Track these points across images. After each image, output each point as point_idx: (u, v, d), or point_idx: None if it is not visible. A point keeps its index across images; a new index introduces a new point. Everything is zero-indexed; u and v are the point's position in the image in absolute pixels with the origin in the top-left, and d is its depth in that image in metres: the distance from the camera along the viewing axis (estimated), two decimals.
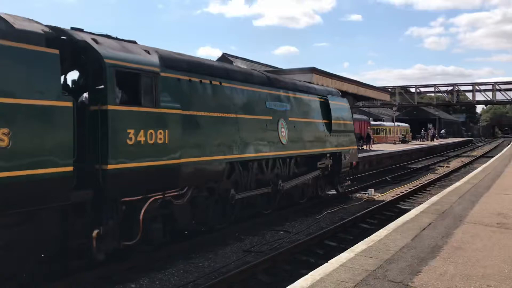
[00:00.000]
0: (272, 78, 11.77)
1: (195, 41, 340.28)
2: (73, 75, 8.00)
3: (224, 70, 9.97)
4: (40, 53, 6.02)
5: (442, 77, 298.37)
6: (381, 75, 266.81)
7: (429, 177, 22.36)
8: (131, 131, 7.01)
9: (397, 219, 8.49)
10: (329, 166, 13.76)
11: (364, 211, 12.56)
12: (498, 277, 5.19)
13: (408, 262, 5.65)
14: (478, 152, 44.41)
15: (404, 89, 56.89)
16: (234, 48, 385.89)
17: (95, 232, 6.71)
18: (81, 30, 7.27)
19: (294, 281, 5.05)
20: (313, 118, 12.94)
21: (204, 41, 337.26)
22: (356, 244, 6.61)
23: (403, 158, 33.05)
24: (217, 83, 9.29)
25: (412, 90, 56.07)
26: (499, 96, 50.43)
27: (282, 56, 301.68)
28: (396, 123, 54.20)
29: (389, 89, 51.14)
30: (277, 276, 7.68)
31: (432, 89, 54.97)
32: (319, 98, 13.53)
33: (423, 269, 5.40)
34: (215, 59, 34.47)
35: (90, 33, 7.39)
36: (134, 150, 7.07)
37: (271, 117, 10.81)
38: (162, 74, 7.78)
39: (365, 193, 15.79)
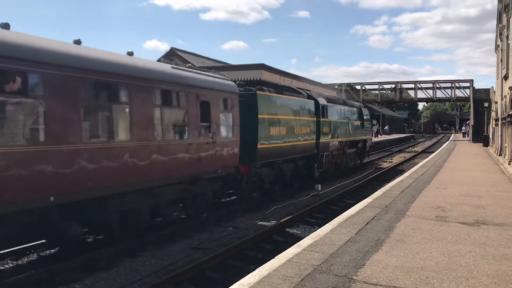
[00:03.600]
0: (344, 100, 24.73)
1: (142, 33, 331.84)
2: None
3: (332, 99, 21.19)
4: (311, 102, 17.64)
5: (386, 75, 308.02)
6: (327, 72, 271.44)
7: (374, 171, 23.09)
8: (323, 127, 18.18)
9: (342, 214, 8.70)
10: (360, 147, 24.94)
11: (311, 206, 12.81)
12: (436, 268, 5.45)
13: (352, 256, 5.82)
14: (419, 148, 46.32)
15: (350, 86, 58.13)
16: (181, 41, 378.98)
17: (315, 165, 17.72)
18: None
19: (242, 277, 5.07)
20: (357, 120, 23.86)
21: (151, 34, 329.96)
22: (303, 239, 6.73)
23: None
24: (333, 105, 20.17)
25: (358, 87, 57.39)
26: (439, 94, 52.42)
27: (231, 50, 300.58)
28: None
29: (336, 86, 52.19)
30: (226, 273, 7.69)
31: (376, 86, 56.41)
32: (357, 109, 24.52)
33: (366, 263, 5.57)
34: (163, 53, 33.98)
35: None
36: (323, 133, 18.11)
37: (346, 121, 21.75)
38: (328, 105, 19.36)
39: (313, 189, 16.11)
